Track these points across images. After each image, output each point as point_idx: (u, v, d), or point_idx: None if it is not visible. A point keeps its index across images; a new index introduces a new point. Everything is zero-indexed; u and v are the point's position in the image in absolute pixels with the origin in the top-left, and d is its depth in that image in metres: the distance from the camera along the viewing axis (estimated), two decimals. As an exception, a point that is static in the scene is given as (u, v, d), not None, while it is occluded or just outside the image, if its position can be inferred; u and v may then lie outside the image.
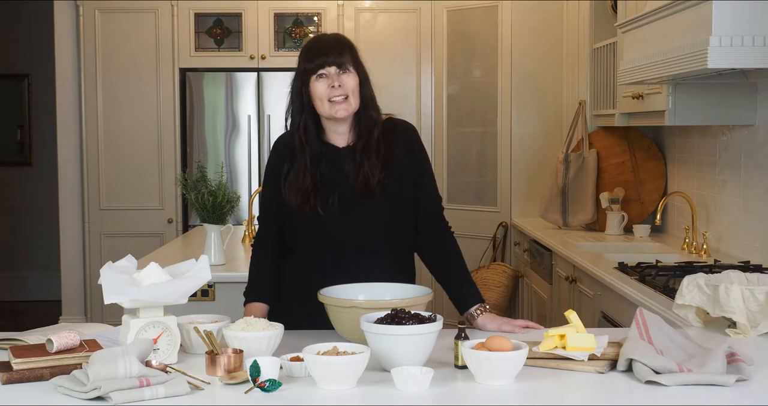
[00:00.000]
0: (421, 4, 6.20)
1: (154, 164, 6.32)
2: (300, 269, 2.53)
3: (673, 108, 3.56)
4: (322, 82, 2.44)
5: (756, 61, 2.68)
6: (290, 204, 2.47)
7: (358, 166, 2.47)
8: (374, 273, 2.39)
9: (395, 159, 2.50)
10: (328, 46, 2.48)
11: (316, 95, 2.45)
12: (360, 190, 2.46)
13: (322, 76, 2.44)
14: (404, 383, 1.83)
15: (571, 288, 3.91)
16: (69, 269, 6.42)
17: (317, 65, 2.44)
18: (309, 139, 2.49)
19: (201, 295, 3.48)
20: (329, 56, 2.45)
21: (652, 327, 2.05)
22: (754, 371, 1.93)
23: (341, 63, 2.45)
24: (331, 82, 2.43)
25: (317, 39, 2.56)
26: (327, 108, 2.45)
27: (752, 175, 3.53)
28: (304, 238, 2.51)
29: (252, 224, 4.54)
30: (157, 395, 1.77)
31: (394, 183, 2.48)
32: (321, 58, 2.45)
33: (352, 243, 2.46)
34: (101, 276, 2.04)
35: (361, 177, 2.45)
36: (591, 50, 4.84)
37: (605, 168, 4.76)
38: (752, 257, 3.48)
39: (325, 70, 2.44)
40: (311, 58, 2.46)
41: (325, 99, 2.44)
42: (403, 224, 2.53)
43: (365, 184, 2.45)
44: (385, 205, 2.48)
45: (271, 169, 2.58)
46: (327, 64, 2.44)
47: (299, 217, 2.48)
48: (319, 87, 2.44)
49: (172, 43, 6.25)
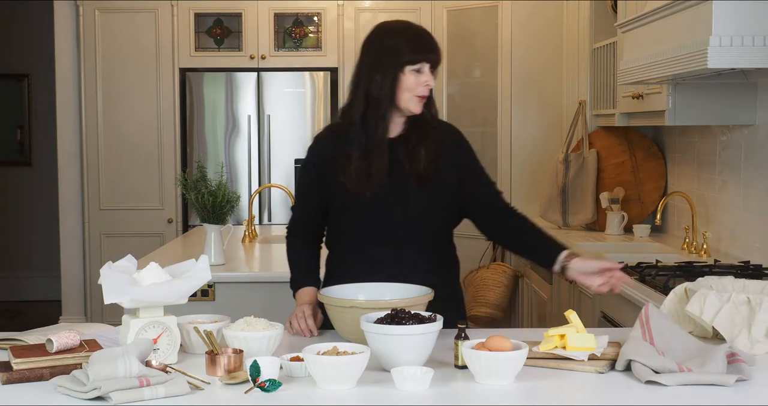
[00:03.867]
0: (421, 4, 6.20)
1: (154, 164, 6.32)
2: (349, 254, 2.53)
3: (673, 108, 3.56)
4: (417, 76, 2.43)
5: (756, 61, 2.68)
6: (347, 186, 2.45)
7: (410, 155, 2.48)
8: (418, 263, 2.45)
9: (444, 152, 2.52)
10: (432, 43, 2.48)
11: (405, 86, 2.44)
12: (412, 178, 2.46)
13: (420, 71, 2.44)
14: (404, 383, 1.83)
15: (571, 288, 3.91)
16: (69, 269, 6.42)
17: (421, 59, 2.43)
18: (375, 121, 2.46)
19: (201, 295, 3.48)
20: (432, 54, 2.45)
21: (655, 325, 2.05)
22: (754, 371, 1.93)
23: (437, 64, 2.47)
24: (426, 80, 2.44)
25: (421, 32, 2.52)
26: (408, 101, 2.44)
27: (752, 175, 3.53)
28: (355, 222, 2.51)
29: (252, 224, 4.54)
30: (157, 395, 1.77)
31: (444, 174, 2.50)
32: (427, 54, 2.44)
33: (400, 229, 2.47)
34: (101, 276, 2.04)
35: (414, 165, 2.47)
36: (591, 50, 4.84)
37: (605, 168, 4.76)
38: (752, 257, 3.48)
39: (423, 67, 2.44)
40: (418, 49, 2.44)
41: (413, 92, 2.44)
42: (449, 215, 2.56)
43: (417, 172, 2.46)
44: (434, 193, 2.48)
45: (306, 170, 2.58)
46: (429, 61, 2.44)
47: (352, 201, 2.47)
48: (413, 80, 2.43)
49: (172, 43, 6.25)
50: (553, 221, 4.90)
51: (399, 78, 2.43)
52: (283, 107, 6.23)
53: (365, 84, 2.48)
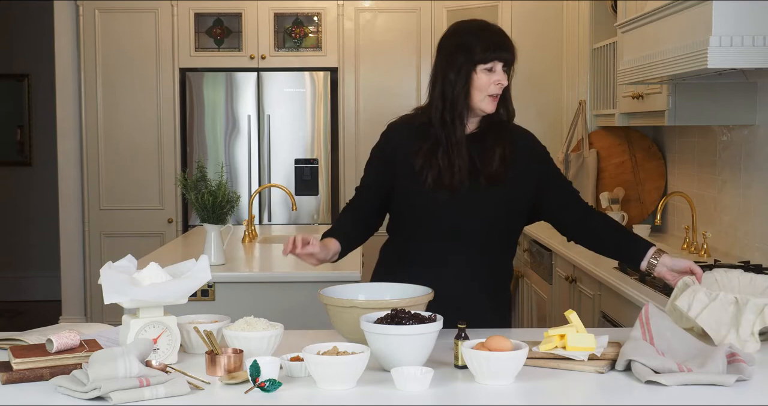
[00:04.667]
0: (421, 4, 6.20)
1: (154, 164, 6.32)
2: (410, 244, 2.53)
3: (673, 108, 3.56)
4: (489, 75, 2.43)
5: (756, 61, 2.68)
6: (425, 182, 2.44)
7: (484, 154, 2.47)
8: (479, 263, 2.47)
9: (519, 157, 2.50)
10: (505, 41, 2.46)
11: (477, 85, 2.43)
12: (483, 178, 2.45)
13: (492, 70, 2.43)
14: (404, 383, 1.83)
15: (571, 288, 3.91)
16: (69, 269, 6.42)
17: (494, 58, 2.43)
18: (451, 120, 2.45)
19: (201, 295, 3.48)
20: (504, 53, 2.44)
21: (655, 325, 2.05)
22: (754, 371, 1.93)
23: (510, 63, 2.45)
24: (498, 79, 2.43)
25: (495, 30, 2.51)
26: (481, 100, 2.44)
27: (752, 175, 3.53)
28: (420, 215, 2.49)
29: (252, 224, 4.54)
30: (157, 395, 1.77)
31: (516, 178, 2.49)
32: (499, 53, 2.43)
33: (469, 227, 2.47)
34: (101, 276, 2.04)
35: (486, 165, 2.46)
36: (591, 50, 4.84)
37: (605, 168, 4.76)
38: (752, 257, 3.48)
39: (496, 66, 2.43)
40: (490, 48, 2.43)
41: (485, 92, 2.43)
42: (516, 217, 2.55)
43: (489, 172, 2.45)
44: (504, 195, 2.48)
45: (375, 158, 2.57)
46: (501, 60, 2.43)
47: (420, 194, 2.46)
48: (485, 79, 2.43)
49: (172, 43, 6.25)
50: (553, 221, 4.90)
51: (472, 77, 2.43)
52: (283, 107, 6.23)
53: (441, 83, 2.48)
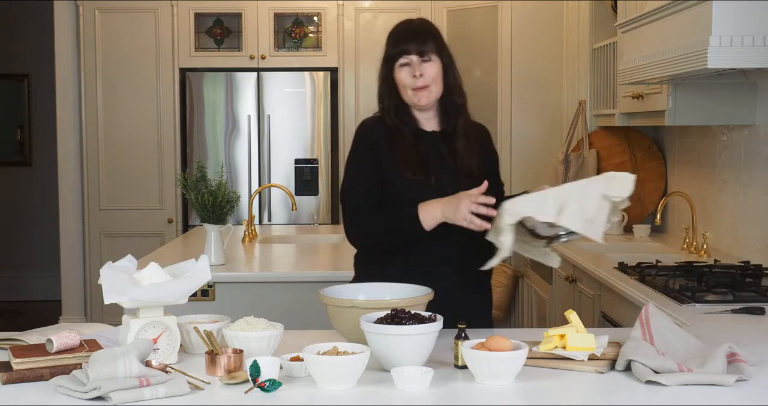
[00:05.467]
0: (421, 4, 6.20)
1: (154, 164, 6.32)
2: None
3: (673, 108, 3.56)
4: (405, 70, 2.47)
5: (756, 61, 2.69)
6: (405, 176, 2.44)
7: (453, 150, 2.50)
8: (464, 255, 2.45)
9: (481, 146, 2.55)
10: (412, 33, 2.49)
11: (399, 83, 2.49)
12: (462, 173, 2.48)
13: (405, 64, 2.47)
14: (404, 383, 1.83)
15: (571, 288, 3.91)
16: (69, 269, 6.42)
17: (399, 52, 2.47)
18: (403, 119, 2.51)
19: (201, 295, 3.48)
20: (411, 44, 2.47)
21: (655, 325, 2.05)
22: (754, 371, 1.92)
23: (423, 51, 2.47)
24: (413, 71, 2.46)
25: (402, 25, 2.57)
26: (410, 96, 2.48)
27: (752, 175, 3.53)
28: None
29: (252, 224, 4.54)
30: (157, 395, 1.77)
31: (487, 168, 2.53)
32: (403, 45, 2.47)
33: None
34: (101, 276, 2.04)
35: (459, 161, 2.48)
36: (591, 50, 4.84)
37: (605, 168, 4.75)
38: (752, 257, 3.48)
39: (407, 59, 2.47)
40: (397, 43, 2.48)
41: (408, 87, 2.47)
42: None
43: (464, 167, 2.48)
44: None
45: (360, 152, 2.52)
46: (409, 53, 2.46)
47: (410, 189, 2.44)
48: (402, 75, 2.48)
49: (172, 43, 6.25)
50: (553, 221, 4.89)
51: (394, 76, 2.48)
52: (283, 107, 6.23)
53: (378, 88, 2.55)
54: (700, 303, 2.69)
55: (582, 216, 2.20)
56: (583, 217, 2.20)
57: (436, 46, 2.50)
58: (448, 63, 2.53)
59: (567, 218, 2.20)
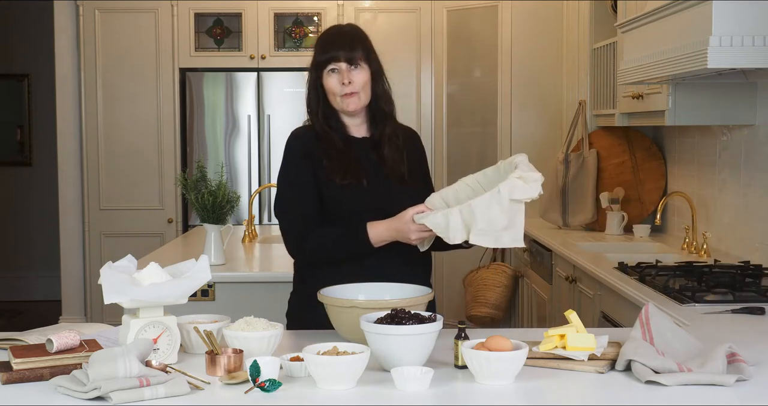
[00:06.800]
0: (421, 4, 6.20)
1: (154, 164, 6.32)
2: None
3: (673, 108, 3.56)
4: (333, 77, 2.47)
5: (756, 61, 2.69)
6: (336, 181, 2.43)
7: (381, 156, 2.50)
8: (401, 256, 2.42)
9: (409, 150, 2.55)
10: (341, 40, 2.49)
11: (328, 89, 2.49)
12: (392, 178, 2.48)
13: (334, 70, 2.47)
14: (404, 383, 1.83)
15: (571, 288, 3.91)
16: (69, 269, 6.42)
17: (328, 59, 2.47)
18: (332, 125, 2.51)
19: (201, 295, 3.48)
20: (340, 51, 2.47)
21: (655, 325, 2.05)
22: (754, 371, 1.92)
23: (352, 58, 2.47)
24: (342, 78, 2.46)
25: (331, 31, 2.58)
26: (338, 102, 2.48)
27: (752, 175, 3.53)
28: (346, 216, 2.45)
29: (252, 224, 4.54)
30: (157, 395, 1.77)
31: (415, 174, 2.54)
32: (332, 52, 2.47)
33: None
34: (101, 276, 2.04)
35: (388, 167, 2.49)
36: (591, 50, 4.84)
37: (605, 168, 4.76)
38: (752, 257, 3.48)
39: (336, 65, 2.47)
40: (323, 51, 2.49)
41: (336, 94, 2.47)
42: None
43: (395, 173, 2.48)
44: (413, 192, 2.47)
45: (295, 162, 2.48)
46: (338, 59, 2.46)
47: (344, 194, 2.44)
48: (330, 82, 2.48)
49: (172, 43, 6.25)
50: (552, 221, 4.90)
51: (322, 83, 2.49)
52: (283, 107, 6.23)
53: (306, 95, 2.56)
54: (700, 303, 2.69)
55: (493, 228, 2.17)
56: (494, 228, 2.17)
57: (365, 53, 2.49)
58: (377, 70, 2.52)
59: (477, 237, 2.18)
